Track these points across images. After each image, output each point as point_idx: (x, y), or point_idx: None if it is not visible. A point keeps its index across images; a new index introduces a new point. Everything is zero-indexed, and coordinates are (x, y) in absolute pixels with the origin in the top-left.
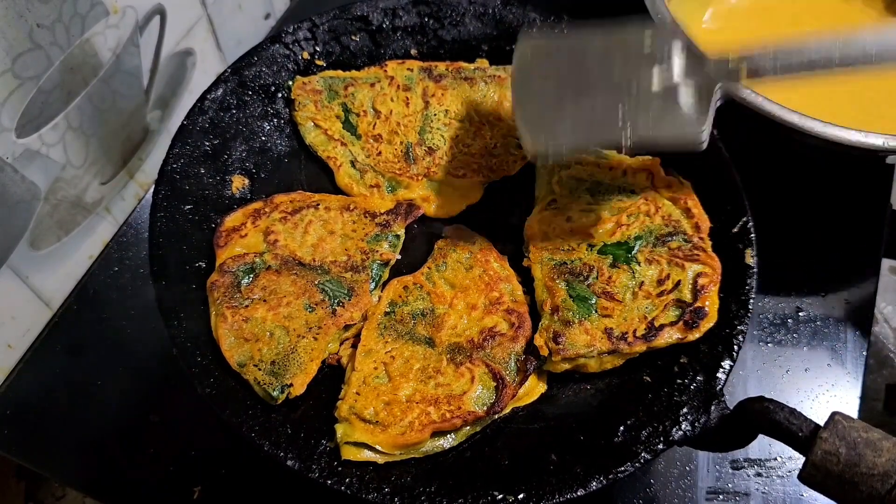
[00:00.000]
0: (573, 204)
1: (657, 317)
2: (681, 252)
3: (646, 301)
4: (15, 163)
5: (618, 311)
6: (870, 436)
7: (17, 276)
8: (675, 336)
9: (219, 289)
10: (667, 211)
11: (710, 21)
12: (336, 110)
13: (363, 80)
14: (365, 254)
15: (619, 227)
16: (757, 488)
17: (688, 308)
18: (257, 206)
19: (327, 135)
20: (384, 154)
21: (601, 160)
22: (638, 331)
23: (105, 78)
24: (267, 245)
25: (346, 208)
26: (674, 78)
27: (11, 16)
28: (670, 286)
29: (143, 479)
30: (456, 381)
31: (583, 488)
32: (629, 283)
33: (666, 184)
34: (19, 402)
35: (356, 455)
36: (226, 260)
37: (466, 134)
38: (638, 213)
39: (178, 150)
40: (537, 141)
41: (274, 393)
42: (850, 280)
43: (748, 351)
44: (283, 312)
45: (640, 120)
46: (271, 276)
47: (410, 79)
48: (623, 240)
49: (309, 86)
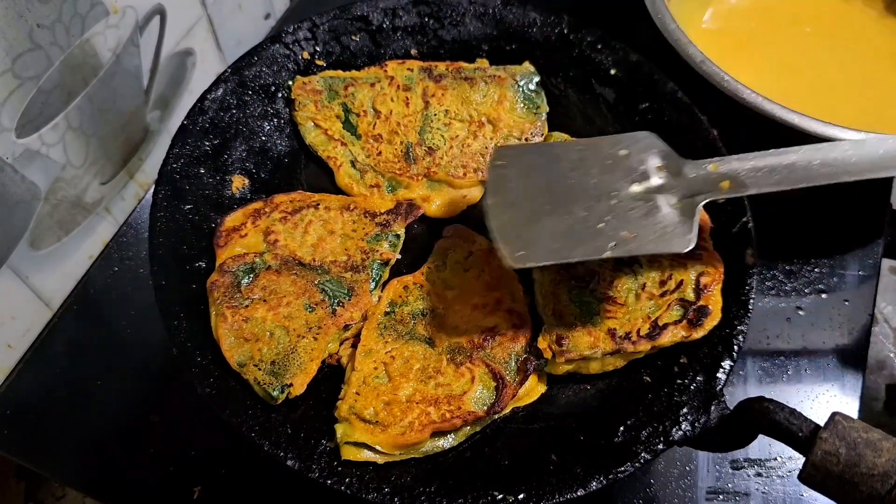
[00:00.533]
0: None
1: (661, 316)
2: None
3: (649, 302)
4: (15, 163)
5: (621, 313)
6: (870, 436)
7: (17, 276)
8: (679, 334)
9: (219, 289)
10: None
11: (710, 21)
12: (336, 110)
13: (363, 80)
14: (365, 253)
15: None
16: (757, 488)
17: (691, 307)
18: (257, 206)
19: (327, 135)
20: (384, 154)
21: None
22: (642, 330)
23: (105, 78)
24: (267, 245)
25: (347, 208)
26: (654, 194)
27: (11, 16)
28: (673, 286)
29: (143, 479)
30: (456, 381)
31: (583, 488)
32: (632, 286)
33: None
34: (19, 402)
35: (356, 455)
36: (226, 260)
37: (466, 134)
38: None
39: (179, 150)
40: (513, 255)
41: (274, 393)
42: (850, 280)
43: (748, 350)
44: (283, 312)
45: (621, 233)
46: (271, 276)
47: (410, 79)
48: None
49: (309, 86)
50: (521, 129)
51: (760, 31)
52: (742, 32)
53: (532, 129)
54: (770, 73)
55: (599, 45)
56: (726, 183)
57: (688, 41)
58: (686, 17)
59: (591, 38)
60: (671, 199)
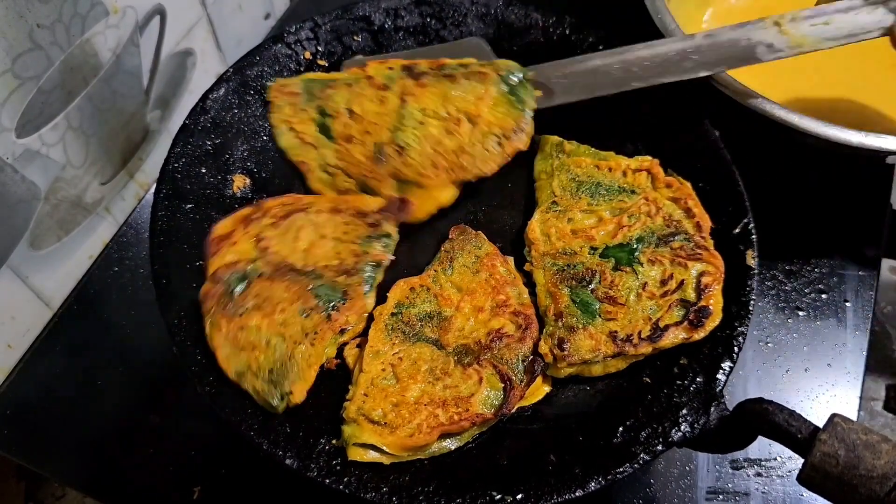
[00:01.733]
0: (574, 206)
1: (662, 317)
2: (683, 251)
3: (650, 302)
4: (15, 163)
5: (622, 314)
6: (869, 438)
7: (17, 276)
8: (680, 336)
9: (212, 298)
10: (668, 211)
11: (709, 21)
12: (312, 113)
13: (342, 81)
14: (357, 256)
15: (621, 229)
16: (757, 488)
17: (692, 307)
18: (247, 212)
19: (300, 138)
20: (354, 155)
21: (601, 162)
22: (643, 332)
23: (105, 78)
24: (258, 251)
25: (337, 209)
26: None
27: (11, 16)
28: (674, 286)
29: (143, 479)
30: (464, 383)
31: (581, 489)
32: (632, 286)
33: (666, 184)
34: (19, 402)
35: (362, 456)
36: (217, 268)
37: (441, 132)
38: (639, 214)
39: (180, 149)
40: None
41: (273, 402)
42: (850, 280)
43: (748, 351)
44: (278, 319)
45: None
46: (264, 283)
47: (391, 78)
48: (625, 241)
49: (287, 88)
50: (503, 125)
51: None
52: None
53: (514, 127)
54: (770, 73)
55: (601, 45)
56: (538, 92)
57: None
58: (686, 17)
59: (593, 38)
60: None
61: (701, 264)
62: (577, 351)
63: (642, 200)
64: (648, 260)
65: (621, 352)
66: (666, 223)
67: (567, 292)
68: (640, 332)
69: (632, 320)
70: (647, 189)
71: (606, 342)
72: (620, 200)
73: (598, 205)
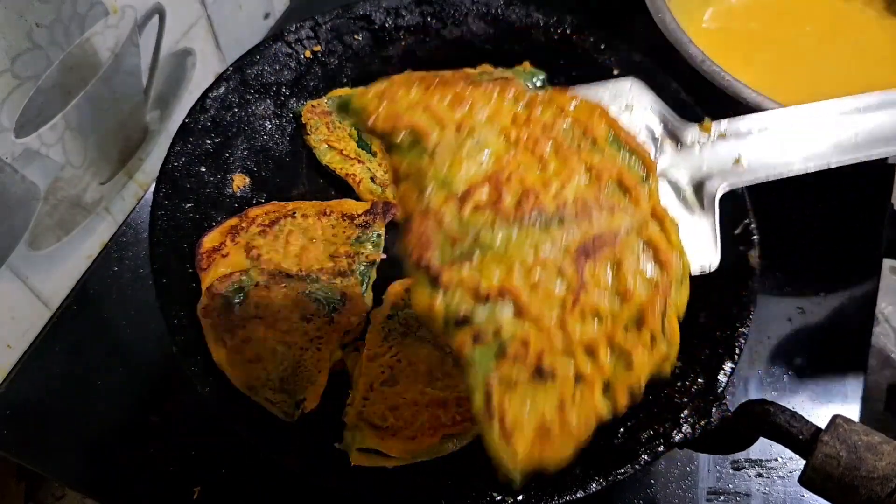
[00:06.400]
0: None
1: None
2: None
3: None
4: (14, 163)
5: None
6: (870, 439)
7: (16, 277)
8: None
9: (211, 313)
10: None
11: (710, 20)
12: (348, 130)
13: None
14: (350, 257)
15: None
16: (758, 489)
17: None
18: (233, 223)
19: (342, 154)
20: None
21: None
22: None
23: (104, 77)
24: (251, 261)
25: (324, 213)
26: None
27: (11, 16)
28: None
29: (143, 479)
30: (463, 382)
31: (582, 490)
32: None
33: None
34: (19, 402)
35: (366, 461)
36: (212, 282)
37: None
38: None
39: (180, 149)
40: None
41: (289, 410)
42: (850, 280)
43: (749, 352)
44: (281, 327)
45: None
46: (261, 292)
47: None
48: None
49: (318, 108)
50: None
51: (760, 31)
52: (742, 32)
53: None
54: (770, 72)
55: (602, 45)
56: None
57: (688, 40)
58: (686, 16)
59: (594, 38)
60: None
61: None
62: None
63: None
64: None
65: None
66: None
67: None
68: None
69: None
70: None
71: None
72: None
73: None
